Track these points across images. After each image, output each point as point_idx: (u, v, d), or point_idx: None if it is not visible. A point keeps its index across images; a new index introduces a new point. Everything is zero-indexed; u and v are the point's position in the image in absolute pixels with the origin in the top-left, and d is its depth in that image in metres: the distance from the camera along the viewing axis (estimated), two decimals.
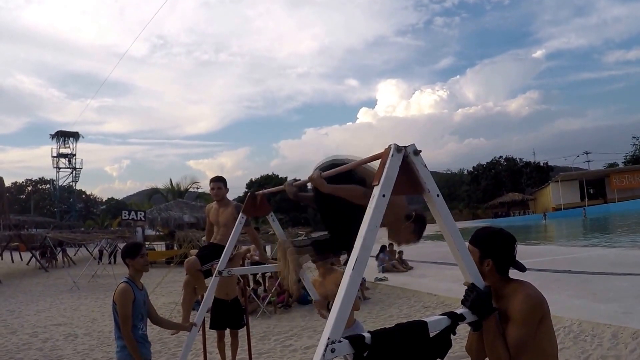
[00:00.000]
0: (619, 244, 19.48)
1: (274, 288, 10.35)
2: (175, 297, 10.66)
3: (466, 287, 2.31)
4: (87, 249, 30.02)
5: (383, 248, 15.52)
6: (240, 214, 4.25)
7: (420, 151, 2.23)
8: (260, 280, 11.55)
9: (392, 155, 2.14)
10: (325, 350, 1.82)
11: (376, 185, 2.12)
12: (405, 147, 2.19)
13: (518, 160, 77.26)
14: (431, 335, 2.17)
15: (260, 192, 4.32)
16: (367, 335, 1.97)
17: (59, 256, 26.53)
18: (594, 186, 58.55)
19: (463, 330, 2.24)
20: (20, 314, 10.95)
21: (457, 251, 2.29)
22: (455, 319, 2.22)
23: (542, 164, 75.26)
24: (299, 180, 3.54)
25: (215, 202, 5.56)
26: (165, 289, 12.83)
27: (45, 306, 12.14)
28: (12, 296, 14.20)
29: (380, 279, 12.74)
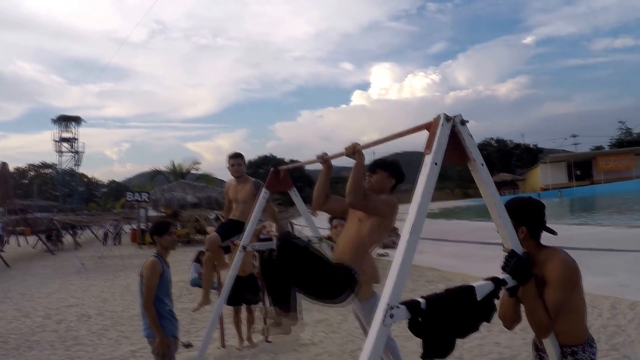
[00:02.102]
0: (607, 222, 19.84)
1: None
2: (183, 275, 10.72)
3: (506, 254, 2.40)
4: (92, 231, 29.94)
5: None
6: (264, 190, 4.29)
7: (467, 121, 2.29)
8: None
9: (442, 125, 2.20)
10: (384, 316, 1.88)
11: (428, 153, 2.18)
12: (453, 117, 2.26)
13: (508, 142, 77.93)
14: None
15: (284, 167, 4.37)
16: (422, 300, 2.03)
17: (70, 239, 26.49)
18: (581, 168, 59.37)
19: None
20: (32, 297, 10.93)
21: (498, 218, 2.37)
22: (498, 283, 2.30)
23: (531, 146, 76.01)
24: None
25: (234, 179, 5.59)
26: (172, 268, 12.78)
27: (56, 288, 12.11)
28: (22, 280, 14.12)
29: (381, 255, 12.88)
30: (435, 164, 2.15)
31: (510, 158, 73.50)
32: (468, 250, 13.32)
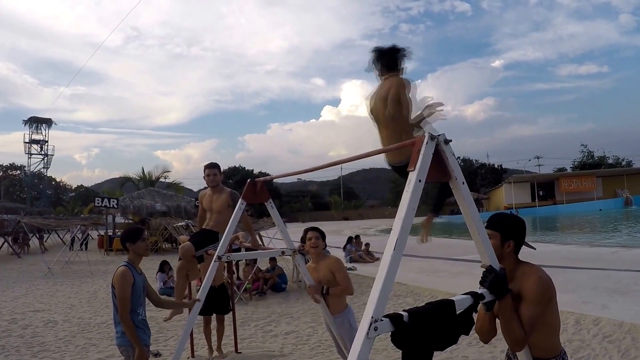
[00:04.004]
0: (569, 241, 20.31)
1: (250, 275, 10.43)
2: (150, 284, 10.59)
3: (484, 269, 2.48)
4: (59, 236, 29.12)
5: (350, 239, 15.88)
6: (240, 200, 4.29)
7: (451, 140, 2.37)
8: (234, 268, 11.60)
9: (427, 143, 2.26)
10: (369, 328, 1.91)
11: (412, 170, 2.23)
12: (437, 136, 2.33)
13: (474, 161, 79.55)
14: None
15: (261, 179, 4.38)
16: (404, 313, 2.08)
17: (37, 242, 25.75)
18: (544, 188, 60.65)
19: None
20: None
21: (477, 235, 2.44)
22: (477, 298, 2.37)
23: (496, 166, 77.78)
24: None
25: (209, 188, 5.56)
26: None
27: (22, 292, 11.87)
28: None
29: (349, 269, 12.95)
30: (420, 180, 2.20)
31: (475, 177, 74.60)
32: (435, 265, 13.45)
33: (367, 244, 16.07)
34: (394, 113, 3.72)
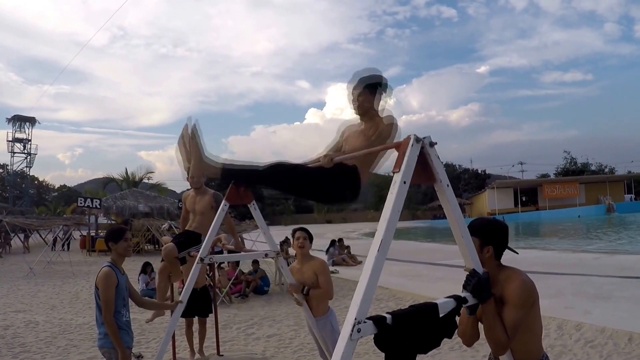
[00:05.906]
0: (552, 247, 20.51)
1: (232, 279, 10.38)
2: (133, 285, 10.51)
3: (467, 273, 2.47)
4: (41, 236, 28.83)
5: (333, 242, 15.91)
6: (224, 202, 4.24)
7: (436, 143, 2.35)
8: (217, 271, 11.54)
9: (412, 145, 2.24)
10: (352, 330, 1.88)
11: (397, 172, 2.21)
12: (423, 138, 2.31)
13: (457, 166, 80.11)
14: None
15: None
16: (388, 316, 2.05)
17: (18, 242, 25.53)
18: (527, 194, 61.30)
19: None
20: None
21: (461, 238, 2.42)
22: (460, 301, 2.36)
23: (479, 171, 78.36)
24: None
25: (192, 189, 5.53)
26: None
27: (3, 292, 11.71)
28: None
29: (332, 272, 12.93)
30: (404, 182, 2.18)
31: (458, 182, 75.10)
32: (417, 269, 13.50)
33: (348, 247, 16.13)
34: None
